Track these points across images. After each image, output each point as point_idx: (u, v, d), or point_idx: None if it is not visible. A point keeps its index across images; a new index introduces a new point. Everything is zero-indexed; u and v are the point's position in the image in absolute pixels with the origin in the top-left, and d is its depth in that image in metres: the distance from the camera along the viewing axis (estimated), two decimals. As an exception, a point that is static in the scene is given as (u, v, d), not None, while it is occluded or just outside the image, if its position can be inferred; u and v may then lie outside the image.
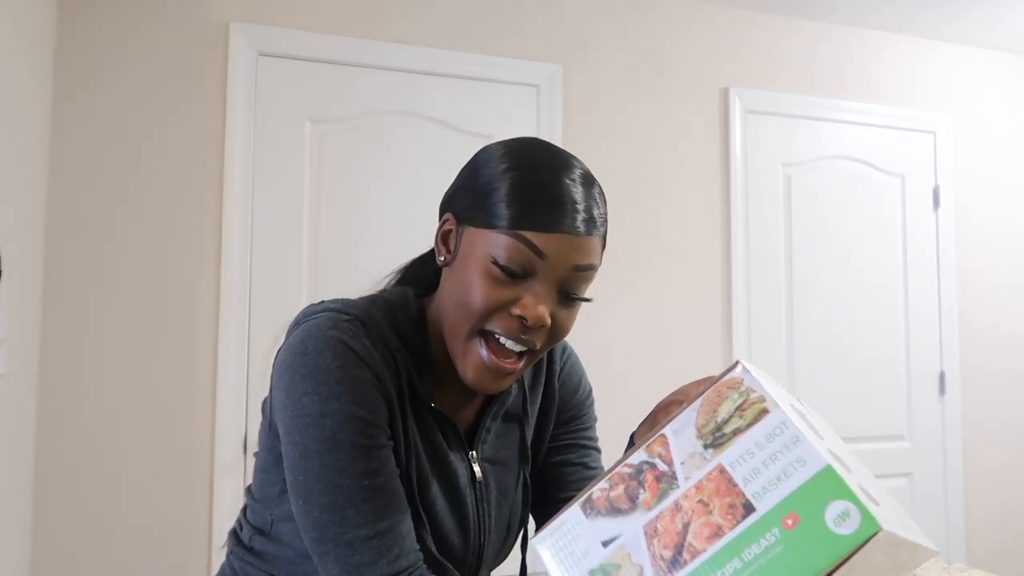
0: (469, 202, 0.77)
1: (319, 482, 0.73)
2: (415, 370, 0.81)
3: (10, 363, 1.75)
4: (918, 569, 1.28)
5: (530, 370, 0.92)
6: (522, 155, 0.77)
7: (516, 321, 0.75)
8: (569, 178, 0.76)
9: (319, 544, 0.74)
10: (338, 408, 0.73)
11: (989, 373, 3.02)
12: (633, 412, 2.55)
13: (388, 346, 0.79)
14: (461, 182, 0.81)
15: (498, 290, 0.74)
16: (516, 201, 0.74)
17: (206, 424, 2.12)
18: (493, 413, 0.88)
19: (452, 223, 0.80)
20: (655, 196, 2.63)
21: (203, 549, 2.09)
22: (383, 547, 0.73)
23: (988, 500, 2.98)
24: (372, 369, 0.76)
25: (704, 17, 2.74)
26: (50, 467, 2.00)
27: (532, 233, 0.73)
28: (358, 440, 0.74)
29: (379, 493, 0.74)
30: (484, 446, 0.88)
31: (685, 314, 2.63)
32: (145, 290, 2.10)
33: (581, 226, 0.75)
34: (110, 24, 2.11)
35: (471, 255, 0.76)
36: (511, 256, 0.73)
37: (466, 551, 0.85)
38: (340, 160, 2.28)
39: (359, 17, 2.33)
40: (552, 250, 0.74)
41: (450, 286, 0.78)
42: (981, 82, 3.12)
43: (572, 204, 0.74)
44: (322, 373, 0.74)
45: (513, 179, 0.75)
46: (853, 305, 2.85)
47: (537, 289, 0.75)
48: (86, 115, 2.08)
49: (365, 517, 0.73)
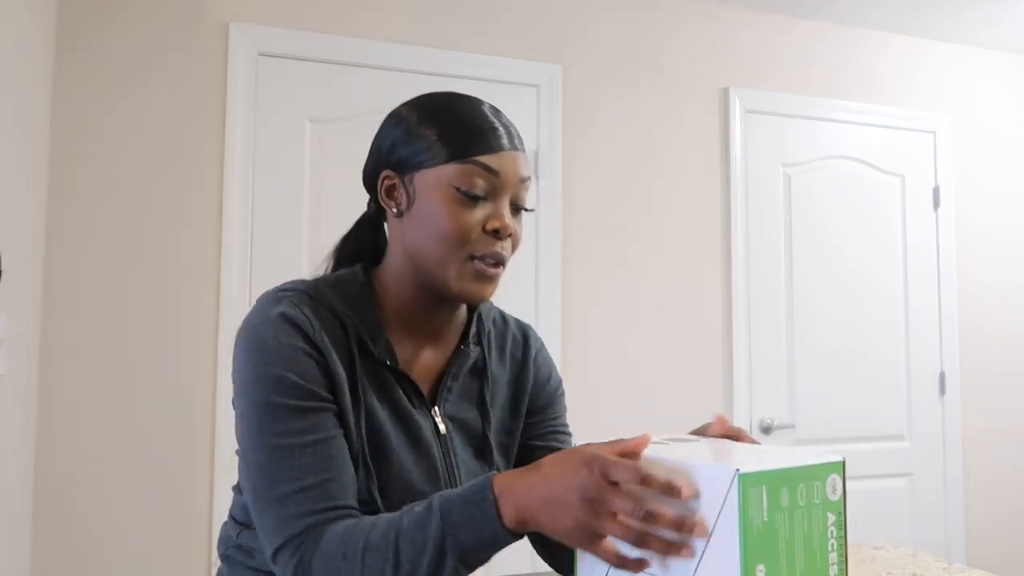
0: (410, 151, 0.85)
1: (252, 443, 0.79)
2: (367, 333, 0.86)
3: (10, 363, 1.75)
4: (918, 569, 1.28)
5: (495, 338, 0.99)
6: (439, 100, 0.87)
7: (490, 236, 0.84)
8: (486, 108, 0.87)
9: (254, 503, 0.79)
10: (267, 373, 0.79)
11: (989, 373, 3.03)
12: (632, 412, 2.55)
13: (335, 313, 0.85)
14: (391, 140, 0.88)
15: (467, 213, 0.83)
16: (459, 134, 0.83)
17: (206, 424, 2.12)
18: (453, 373, 0.92)
19: (394, 177, 0.87)
20: (655, 196, 2.63)
21: (203, 549, 2.09)
22: (309, 500, 0.77)
23: (988, 500, 2.98)
24: (308, 336, 0.81)
25: (704, 17, 2.74)
26: (50, 467, 2.00)
27: (482, 156, 0.83)
28: (287, 402, 0.79)
29: (307, 452, 0.78)
30: (446, 404, 0.92)
31: (685, 314, 2.63)
32: (145, 290, 2.10)
33: (517, 143, 0.87)
34: (110, 25, 2.11)
35: (431, 193, 0.84)
36: (470, 180, 0.83)
37: None
38: (340, 160, 2.29)
39: (359, 17, 2.33)
40: (502, 167, 0.84)
41: (416, 229, 0.85)
42: (981, 82, 3.13)
43: (503, 127, 0.86)
44: (258, 343, 0.80)
45: (447, 119, 0.85)
46: (853, 305, 2.85)
47: (498, 204, 0.85)
48: (86, 116, 2.08)
49: (293, 474, 0.77)
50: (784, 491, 0.61)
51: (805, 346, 2.78)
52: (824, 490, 0.64)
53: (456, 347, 0.94)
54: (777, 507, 0.61)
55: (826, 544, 0.64)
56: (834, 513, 0.64)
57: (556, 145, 2.50)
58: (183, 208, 2.14)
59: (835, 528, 0.64)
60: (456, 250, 0.83)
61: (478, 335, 0.96)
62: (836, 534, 0.64)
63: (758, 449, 0.69)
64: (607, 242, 2.56)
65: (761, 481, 0.60)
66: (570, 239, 2.51)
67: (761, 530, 0.60)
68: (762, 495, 0.60)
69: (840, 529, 0.65)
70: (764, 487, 0.60)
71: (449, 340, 0.94)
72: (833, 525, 0.64)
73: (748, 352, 2.69)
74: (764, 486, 0.60)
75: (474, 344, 0.95)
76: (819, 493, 0.63)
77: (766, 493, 0.60)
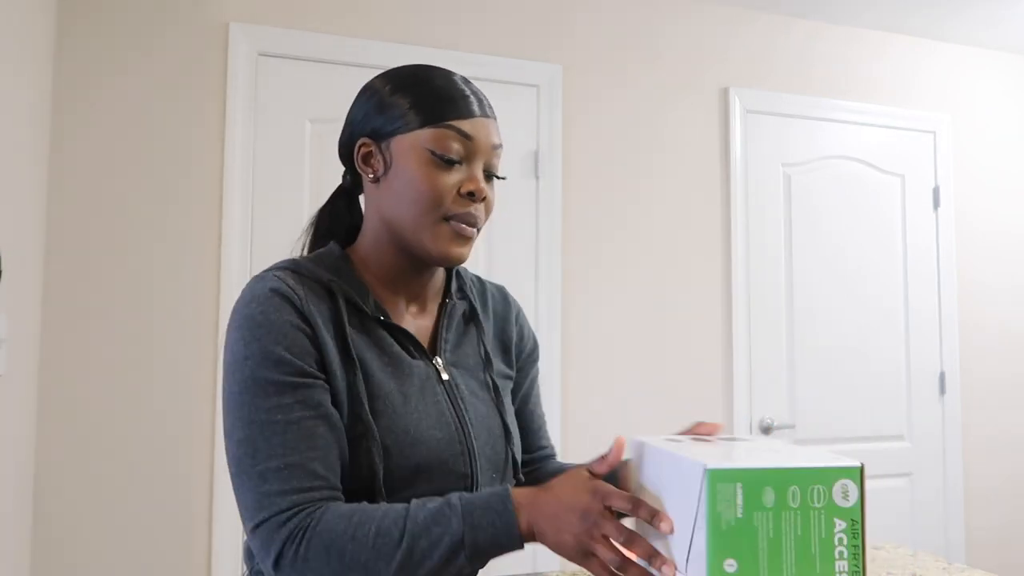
0: (385, 118, 0.88)
1: (237, 419, 0.79)
2: (356, 293, 0.88)
3: (10, 363, 1.75)
4: (918, 569, 1.28)
5: (476, 293, 1.03)
6: (411, 70, 0.91)
7: (466, 199, 0.87)
8: (458, 77, 0.91)
9: (235, 478, 0.79)
10: (257, 348, 0.79)
11: (990, 373, 3.03)
12: (632, 412, 2.55)
13: (320, 280, 0.87)
14: (366, 110, 0.91)
15: (442, 175, 0.86)
16: (435, 100, 0.87)
17: (206, 424, 2.12)
18: (447, 324, 0.95)
19: (370, 144, 0.90)
20: (655, 196, 2.63)
21: (203, 550, 2.09)
22: (292, 478, 0.77)
23: (988, 500, 2.98)
24: (297, 308, 0.82)
25: (704, 17, 2.74)
26: (50, 467, 2.00)
27: (457, 121, 0.86)
28: (274, 376, 0.79)
29: (291, 428, 0.78)
30: (446, 354, 0.94)
31: (685, 314, 2.63)
32: (145, 290, 2.10)
33: (488, 111, 0.90)
34: (110, 24, 2.11)
35: (407, 157, 0.86)
36: (446, 144, 0.86)
37: (453, 442, 0.88)
38: (340, 160, 2.28)
39: (359, 17, 2.33)
40: (475, 133, 0.87)
41: (393, 192, 0.88)
42: (981, 82, 3.13)
43: (474, 95, 0.89)
44: (246, 320, 0.81)
45: (421, 87, 0.88)
46: (853, 304, 2.85)
47: (472, 168, 0.88)
48: (86, 116, 2.08)
49: (275, 450, 0.77)
50: (767, 491, 0.62)
51: (805, 346, 2.78)
52: (829, 494, 0.63)
53: (441, 303, 0.98)
54: (757, 506, 0.62)
55: (831, 550, 0.63)
56: (844, 520, 0.63)
57: (556, 145, 2.50)
58: (183, 208, 2.14)
59: (846, 535, 0.63)
60: (431, 211, 0.85)
61: (460, 289, 1.00)
62: (848, 542, 0.63)
63: (766, 450, 0.70)
64: (607, 242, 2.56)
65: (733, 478, 0.62)
66: (570, 239, 2.51)
67: (733, 526, 0.62)
68: (735, 492, 0.62)
69: (854, 537, 0.64)
70: (738, 484, 0.62)
71: (433, 299, 0.97)
72: (843, 532, 0.63)
73: (748, 352, 2.69)
74: (738, 483, 0.62)
75: (458, 298, 0.99)
76: (821, 497, 0.63)
77: (741, 491, 0.62)
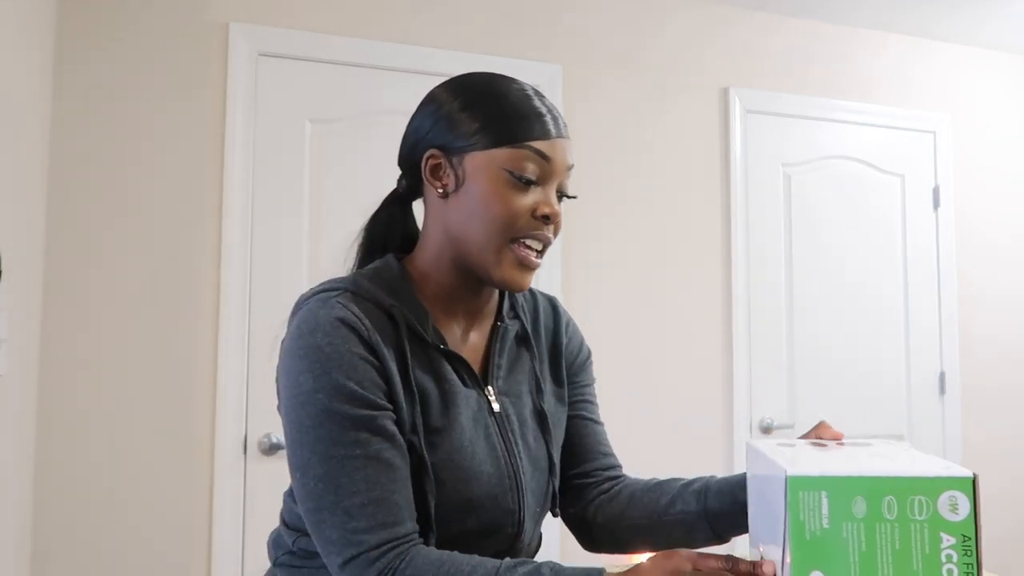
0: (458, 133, 0.85)
1: (314, 455, 0.77)
2: (416, 319, 0.86)
3: (10, 363, 1.75)
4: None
5: (528, 310, 1.00)
6: (485, 83, 0.87)
7: (538, 221, 0.85)
8: (532, 91, 0.87)
9: (316, 513, 0.77)
10: (328, 382, 0.78)
11: (990, 372, 3.02)
12: (632, 412, 2.55)
13: (382, 306, 0.84)
14: (434, 121, 0.88)
15: (518, 198, 0.84)
16: (512, 119, 0.84)
17: (206, 424, 2.12)
18: (499, 349, 0.93)
19: (439, 157, 0.87)
20: (655, 196, 2.63)
21: (203, 550, 2.09)
22: (379, 514, 0.76)
23: (988, 501, 2.98)
24: (363, 338, 0.80)
25: (704, 17, 2.74)
26: (50, 467, 1.99)
27: (535, 142, 0.84)
28: (349, 411, 0.77)
29: (371, 463, 0.77)
30: (499, 381, 0.92)
31: (685, 314, 2.63)
32: (145, 290, 2.10)
33: (564, 130, 0.87)
34: (110, 24, 2.11)
35: (482, 176, 0.84)
36: (524, 166, 0.83)
37: (503, 477, 0.87)
38: (340, 160, 2.28)
39: (359, 17, 2.33)
40: (553, 153, 0.85)
41: (463, 209, 0.85)
42: (981, 82, 3.12)
43: (550, 112, 0.86)
44: (314, 351, 0.79)
45: (496, 102, 0.85)
46: (853, 304, 2.85)
47: (547, 190, 0.86)
48: (86, 115, 2.08)
49: (358, 486, 0.76)
50: (858, 500, 0.59)
51: (805, 346, 2.78)
52: (934, 506, 0.59)
53: (493, 324, 0.95)
54: (846, 516, 0.59)
55: (937, 568, 0.58)
56: (954, 535, 0.59)
57: (556, 145, 2.50)
58: (183, 208, 2.14)
59: (956, 552, 0.59)
60: (502, 232, 0.84)
61: (513, 308, 0.97)
62: (959, 559, 0.59)
63: (879, 456, 0.66)
64: (607, 242, 2.56)
65: (817, 486, 0.59)
66: (570, 239, 2.51)
67: (819, 536, 0.59)
68: (820, 501, 0.59)
69: (966, 555, 0.59)
70: (823, 492, 0.59)
71: (487, 318, 0.95)
72: (952, 548, 0.59)
73: (748, 352, 2.69)
74: (823, 492, 0.59)
75: (510, 318, 0.96)
76: (924, 509, 0.59)
77: (827, 499, 0.59)
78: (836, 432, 0.80)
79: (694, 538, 0.91)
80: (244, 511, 2.13)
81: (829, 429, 0.81)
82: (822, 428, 0.82)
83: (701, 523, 0.89)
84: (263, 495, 2.14)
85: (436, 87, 0.91)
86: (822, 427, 0.82)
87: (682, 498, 0.91)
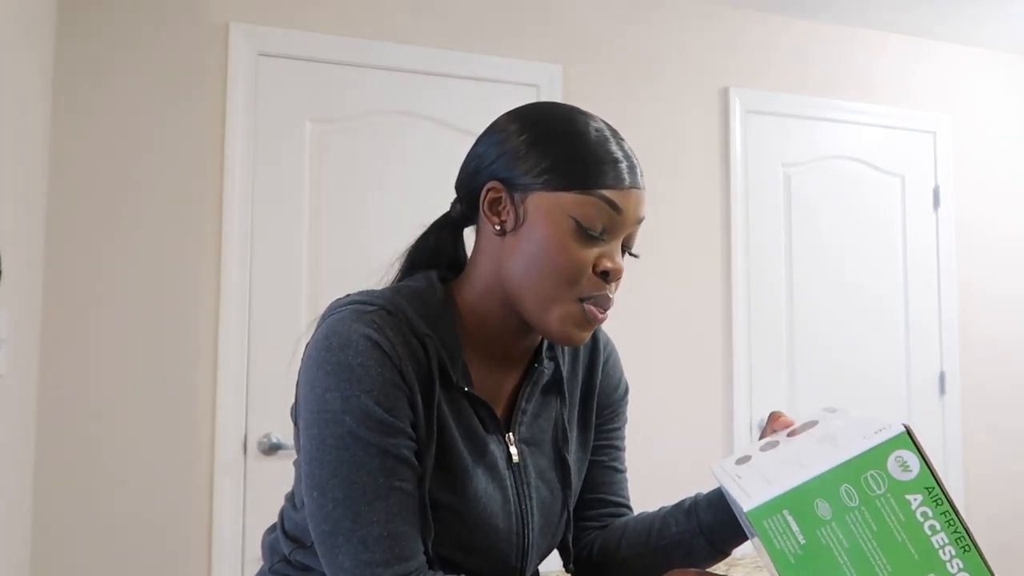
0: (524, 169, 0.78)
1: (335, 476, 0.74)
2: (447, 355, 0.80)
3: (10, 363, 1.75)
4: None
5: (566, 350, 0.93)
6: (558, 119, 0.80)
7: (599, 278, 0.78)
8: (608, 133, 0.80)
9: (331, 537, 0.74)
10: (358, 406, 0.74)
11: (989, 372, 3.02)
12: (632, 412, 2.55)
13: (416, 333, 0.79)
14: (499, 152, 0.80)
15: (585, 251, 0.77)
16: (585, 162, 0.76)
17: (206, 424, 2.12)
18: (527, 394, 0.87)
19: (501, 190, 0.80)
20: (655, 196, 2.63)
21: (203, 550, 2.09)
22: (395, 548, 0.74)
23: (988, 501, 2.98)
24: (396, 364, 0.76)
25: (704, 17, 2.74)
26: (50, 467, 1.99)
27: (609, 191, 0.76)
28: (377, 439, 0.74)
29: (393, 493, 0.75)
30: (521, 428, 0.87)
31: (684, 314, 2.63)
32: (145, 290, 2.10)
33: (640, 179, 0.80)
34: (110, 24, 2.11)
35: (545, 219, 0.77)
36: (594, 216, 0.76)
37: (511, 534, 0.84)
38: (340, 160, 2.28)
39: (359, 17, 2.33)
40: (625, 205, 0.78)
41: (522, 252, 0.78)
42: (981, 82, 3.12)
43: (627, 159, 0.79)
44: (344, 370, 0.74)
45: (569, 141, 0.77)
46: (853, 304, 2.85)
47: (613, 244, 0.79)
48: (86, 115, 2.08)
49: (378, 516, 0.74)
50: (819, 503, 0.57)
51: (805, 346, 2.78)
52: (887, 475, 0.56)
53: (529, 364, 0.89)
54: (816, 522, 0.57)
55: (919, 530, 0.56)
56: (918, 492, 0.56)
57: (556, 145, 2.50)
58: (183, 208, 2.14)
59: (929, 507, 0.56)
60: (566, 289, 0.77)
61: (552, 347, 0.91)
62: (934, 512, 0.56)
63: (821, 439, 0.63)
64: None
65: (777, 508, 0.56)
66: (570, 239, 2.51)
67: (801, 555, 0.56)
68: (786, 521, 0.56)
69: (938, 505, 0.56)
70: (785, 511, 0.56)
71: (521, 359, 0.88)
72: (923, 505, 0.56)
73: (748, 352, 2.69)
74: (785, 510, 0.56)
75: (548, 359, 0.90)
76: (880, 482, 0.57)
77: (791, 516, 0.56)
78: (787, 420, 0.78)
79: (695, 557, 0.88)
80: (244, 511, 2.13)
81: (780, 419, 0.79)
82: (774, 420, 0.79)
83: (699, 540, 0.87)
84: (263, 495, 2.14)
85: (507, 114, 0.83)
86: (773, 419, 0.79)
87: (674, 518, 0.89)
